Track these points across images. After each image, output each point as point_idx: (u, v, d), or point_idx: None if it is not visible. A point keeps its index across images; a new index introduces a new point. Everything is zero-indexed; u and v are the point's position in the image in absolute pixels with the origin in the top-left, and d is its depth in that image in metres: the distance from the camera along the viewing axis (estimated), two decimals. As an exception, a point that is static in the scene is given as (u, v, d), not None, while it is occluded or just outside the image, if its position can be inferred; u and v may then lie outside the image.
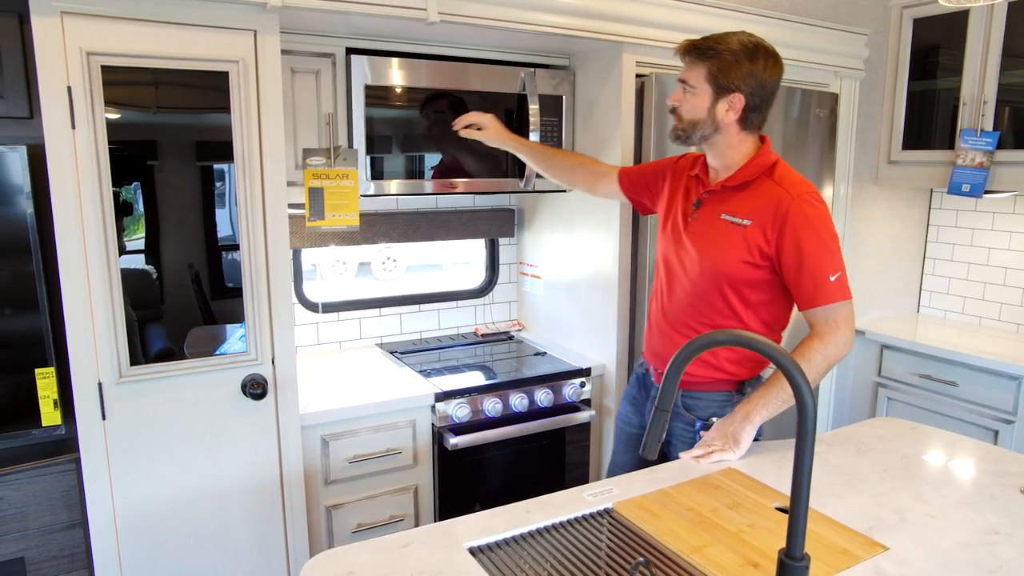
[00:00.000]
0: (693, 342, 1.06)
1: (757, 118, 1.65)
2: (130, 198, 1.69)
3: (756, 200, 1.63)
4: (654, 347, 1.84)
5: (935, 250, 3.46)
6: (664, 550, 1.27)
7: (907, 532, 1.31)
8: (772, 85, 1.63)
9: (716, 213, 1.69)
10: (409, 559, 1.20)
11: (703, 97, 1.63)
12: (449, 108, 2.24)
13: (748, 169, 1.66)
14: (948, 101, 2.99)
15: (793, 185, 1.62)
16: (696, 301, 1.72)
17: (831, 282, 1.57)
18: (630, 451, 1.95)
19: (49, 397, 1.67)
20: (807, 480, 0.99)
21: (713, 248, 1.67)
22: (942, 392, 2.92)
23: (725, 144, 1.67)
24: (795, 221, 1.57)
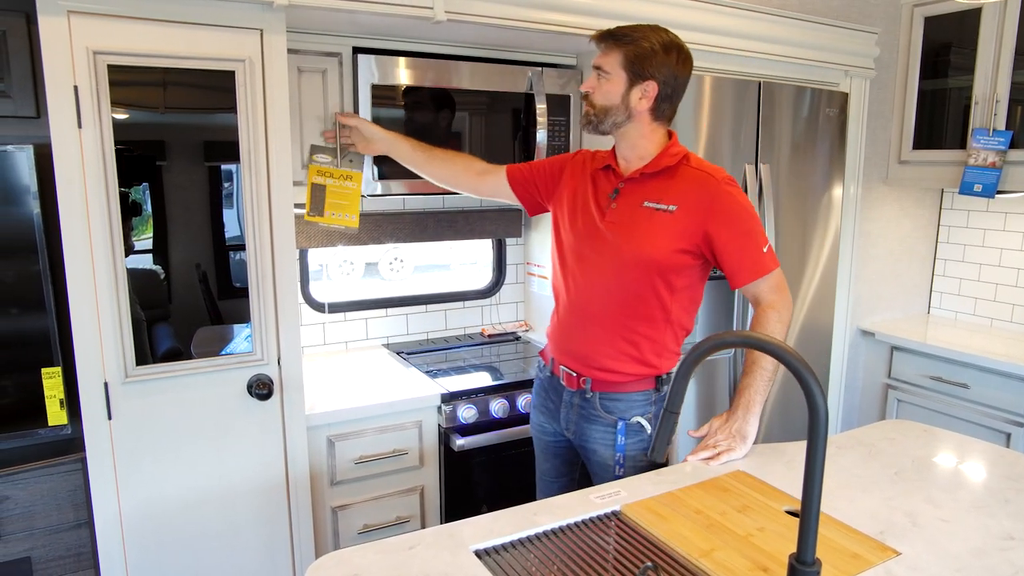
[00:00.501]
0: (703, 343, 1.05)
1: (668, 109, 1.68)
2: (139, 199, 1.69)
3: (679, 185, 1.65)
4: (568, 346, 1.77)
5: (946, 251, 3.42)
6: (672, 553, 1.26)
7: (919, 537, 1.30)
8: (683, 78, 1.67)
9: (637, 201, 1.68)
10: (415, 561, 1.19)
11: (617, 83, 1.64)
12: (456, 107, 2.23)
13: (666, 157, 1.68)
14: (959, 100, 2.97)
15: (715, 170, 1.68)
16: (618, 292, 1.69)
17: (764, 253, 1.65)
18: (550, 459, 1.93)
19: (55, 397, 1.67)
20: (819, 483, 0.98)
21: (637, 236, 1.66)
22: (953, 394, 2.89)
23: (637, 133, 1.68)
24: (725, 202, 1.63)
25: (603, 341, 1.71)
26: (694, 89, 2.32)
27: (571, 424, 1.80)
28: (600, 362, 1.71)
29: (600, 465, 1.76)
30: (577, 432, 1.79)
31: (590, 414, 1.75)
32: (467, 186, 2.04)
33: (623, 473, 1.72)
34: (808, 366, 0.95)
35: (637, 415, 1.72)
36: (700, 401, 2.51)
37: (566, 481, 1.92)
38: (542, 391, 1.89)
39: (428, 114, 2.19)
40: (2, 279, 1.61)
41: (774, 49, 2.54)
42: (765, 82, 2.47)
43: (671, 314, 1.69)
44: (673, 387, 1.08)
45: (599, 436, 1.75)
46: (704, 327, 2.53)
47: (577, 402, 1.77)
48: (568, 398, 1.79)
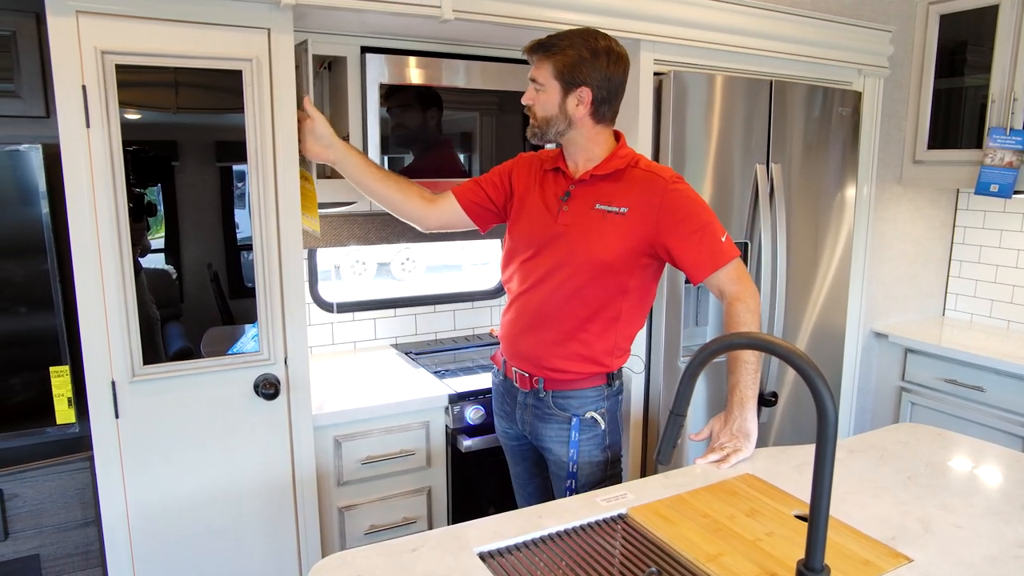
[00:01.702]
0: (709, 345, 1.03)
1: (608, 111, 1.68)
2: (155, 199, 1.70)
3: (630, 188, 1.67)
4: (521, 350, 1.77)
5: (961, 252, 3.38)
6: (679, 558, 1.24)
7: (932, 543, 1.27)
8: (618, 79, 1.66)
9: (589, 204, 1.69)
10: (418, 563, 1.18)
11: (552, 94, 1.64)
12: (465, 107, 2.22)
13: (615, 160, 1.69)
14: (975, 99, 2.93)
15: (663, 170, 1.69)
16: (569, 294, 1.69)
17: (722, 243, 1.65)
18: (519, 462, 1.96)
19: (63, 395, 1.68)
20: (828, 487, 0.96)
21: (591, 238, 1.67)
22: (968, 398, 2.85)
23: (582, 138, 1.69)
24: (677, 200, 1.64)
25: (554, 342, 1.72)
26: (704, 88, 2.30)
27: (527, 425, 1.82)
28: (551, 363, 1.72)
29: (556, 463, 1.78)
30: (533, 432, 1.81)
31: (544, 413, 1.76)
32: (415, 213, 1.88)
33: (576, 470, 1.75)
34: (816, 368, 0.93)
35: (590, 410, 1.74)
36: (709, 404, 2.49)
37: (540, 481, 1.94)
38: (498, 395, 1.91)
39: (437, 114, 2.19)
40: (11, 277, 1.62)
41: (786, 48, 2.52)
42: (777, 81, 2.45)
43: (622, 314, 1.71)
44: (679, 390, 1.07)
45: (554, 434, 1.76)
46: (715, 328, 2.51)
47: (531, 402, 1.78)
48: (522, 399, 1.80)
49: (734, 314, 1.65)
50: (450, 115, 2.22)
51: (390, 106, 2.10)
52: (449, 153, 2.26)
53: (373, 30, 2.06)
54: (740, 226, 2.45)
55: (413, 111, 2.16)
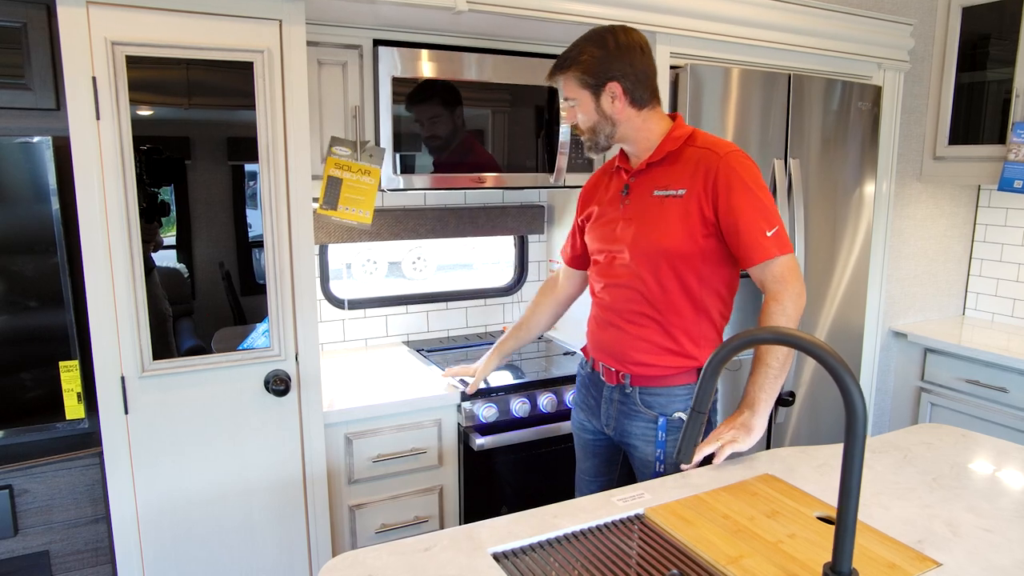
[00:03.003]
0: (731, 340, 1.00)
1: (645, 94, 1.64)
2: (168, 199, 1.68)
3: (685, 167, 1.62)
4: (603, 344, 1.76)
5: (982, 250, 3.31)
6: (698, 559, 1.21)
7: (960, 547, 1.23)
8: (640, 60, 1.62)
9: (648, 192, 1.66)
10: (431, 564, 1.16)
11: (586, 102, 1.64)
12: (478, 101, 2.19)
13: (669, 142, 1.65)
14: (998, 93, 2.87)
15: (717, 145, 1.61)
16: (642, 287, 1.66)
17: (768, 237, 1.56)
18: (590, 457, 1.90)
19: (73, 390, 1.67)
20: (856, 488, 0.93)
21: (650, 227, 1.64)
22: (991, 399, 2.79)
23: (633, 130, 1.66)
24: (726, 177, 1.57)
25: (636, 337, 1.68)
26: (721, 82, 2.26)
27: (611, 420, 1.77)
28: (634, 357, 1.69)
29: (642, 462, 1.72)
30: (618, 428, 1.76)
31: (630, 410, 1.72)
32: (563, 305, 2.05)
33: (664, 471, 1.68)
34: (845, 364, 0.90)
35: (678, 410, 1.68)
36: (732, 403, 2.45)
37: (604, 481, 1.89)
38: (583, 388, 1.87)
39: (449, 108, 2.16)
40: (21, 271, 1.61)
41: (804, 41, 2.47)
42: (795, 75, 2.40)
43: (702, 302, 1.64)
44: (700, 386, 1.03)
45: (640, 432, 1.71)
46: (735, 324, 2.46)
47: (617, 397, 1.74)
48: (608, 394, 1.76)
49: (767, 313, 1.58)
50: (463, 109, 2.19)
51: (427, 100, 2.11)
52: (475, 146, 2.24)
53: (386, 22, 2.03)
54: (757, 222, 2.41)
55: (438, 106, 2.14)
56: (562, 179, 2.34)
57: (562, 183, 2.36)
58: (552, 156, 2.32)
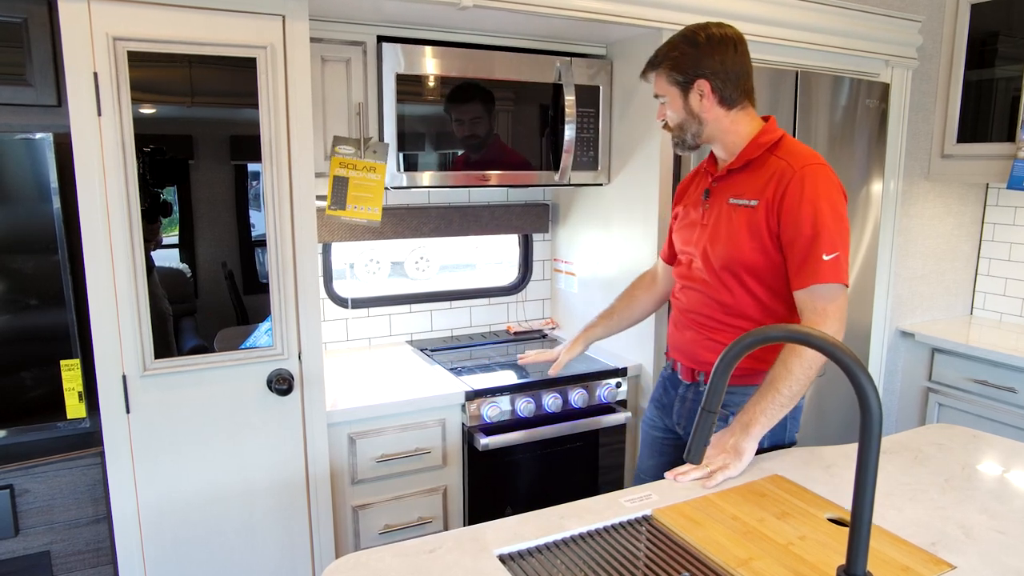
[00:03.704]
0: (742, 339, 0.98)
1: (736, 93, 1.60)
2: (170, 199, 1.67)
3: (762, 177, 1.57)
4: (679, 344, 1.77)
5: (990, 249, 3.29)
6: (707, 561, 1.19)
7: (974, 549, 1.21)
8: (732, 59, 1.58)
9: (724, 199, 1.64)
10: (435, 565, 1.14)
11: (675, 99, 1.63)
12: (482, 97, 2.17)
13: (750, 148, 1.61)
14: (1007, 91, 2.84)
15: (798, 157, 1.55)
16: (716, 293, 1.64)
17: (824, 261, 1.48)
18: (655, 456, 1.88)
19: (74, 389, 1.65)
20: (871, 491, 0.90)
21: (723, 236, 1.61)
22: (999, 399, 2.77)
23: (720, 131, 1.63)
24: (796, 191, 1.51)
25: (708, 339, 1.68)
26: (728, 79, 2.24)
27: (682, 419, 1.77)
28: (709, 358, 1.69)
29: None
30: (687, 427, 1.76)
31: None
32: (659, 300, 2.01)
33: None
34: (859, 362, 0.88)
35: None
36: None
37: None
38: (661, 385, 1.87)
39: (454, 105, 2.14)
40: (21, 269, 1.59)
41: (812, 38, 2.45)
42: (802, 72, 2.38)
43: (775, 312, 1.60)
44: (711, 385, 1.01)
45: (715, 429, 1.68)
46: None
47: (691, 396, 1.75)
48: (683, 392, 1.77)
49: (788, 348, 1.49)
50: (468, 106, 2.17)
51: (432, 97, 2.10)
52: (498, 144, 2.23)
53: (390, 18, 2.01)
54: (764, 221, 2.39)
55: (450, 102, 2.13)
56: (567, 177, 2.33)
57: (567, 181, 2.34)
58: (557, 154, 2.30)
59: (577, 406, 2.23)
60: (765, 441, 1.65)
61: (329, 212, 1.97)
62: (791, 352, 1.49)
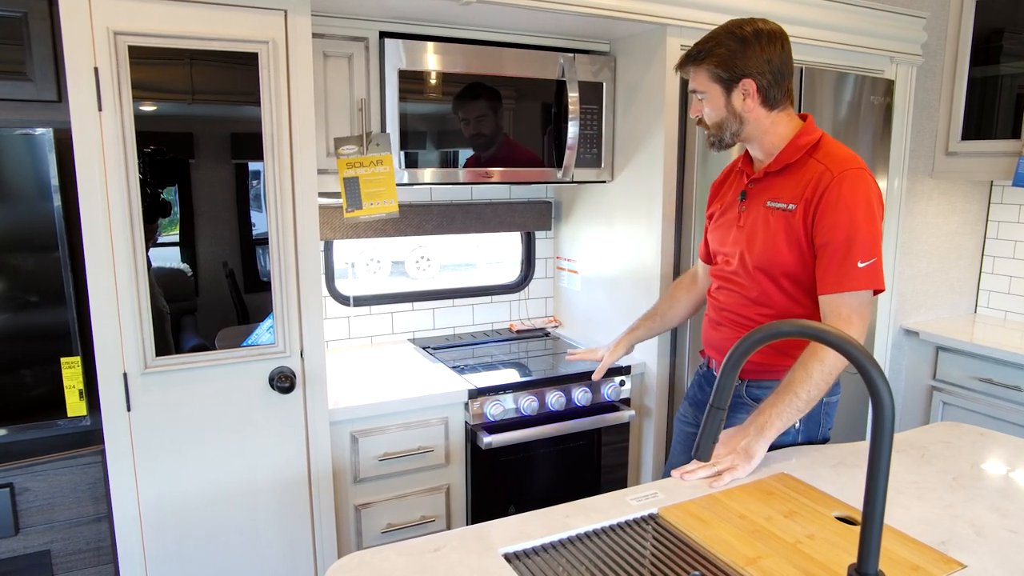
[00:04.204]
0: (753, 334, 0.96)
1: (779, 94, 1.56)
2: (169, 198, 1.65)
3: (800, 181, 1.53)
4: (714, 341, 1.75)
5: (994, 247, 3.27)
6: (715, 560, 1.17)
7: (985, 548, 1.19)
8: (778, 57, 1.54)
9: (762, 202, 1.60)
10: (440, 565, 1.12)
11: (716, 97, 1.57)
12: (485, 94, 2.16)
13: (788, 151, 1.57)
14: (1012, 88, 2.82)
15: (836, 161, 1.51)
16: (752, 295, 1.63)
17: (860, 268, 1.45)
18: (686, 452, 1.86)
19: (74, 387, 1.64)
20: (883, 489, 0.89)
21: (759, 240, 1.59)
22: (1004, 397, 2.75)
23: (759, 131, 1.59)
24: (833, 196, 1.47)
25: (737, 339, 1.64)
26: (733, 75, 2.22)
27: None
28: None
29: None
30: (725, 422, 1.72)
31: (736, 403, 1.68)
32: (697, 300, 1.97)
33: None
34: (872, 358, 0.87)
35: None
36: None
37: None
38: (697, 384, 1.86)
39: (457, 101, 2.13)
40: (22, 266, 1.58)
41: (816, 34, 2.43)
42: (807, 68, 2.36)
43: (810, 312, 1.58)
44: (720, 381, 1.00)
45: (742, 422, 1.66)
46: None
47: None
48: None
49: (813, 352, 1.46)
50: (470, 103, 2.16)
51: (434, 94, 2.09)
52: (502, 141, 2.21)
53: (392, 14, 2.00)
54: (768, 218, 2.38)
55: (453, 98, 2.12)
56: (570, 174, 2.31)
57: (570, 179, 2.33)
58: (560, 151, 2.28)
59: (581, 404, 2.21)
60: (800, 435, 1.65)
61: (348, 215, 1.95)
62: (812, 356, 1.47)
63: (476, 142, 2.18)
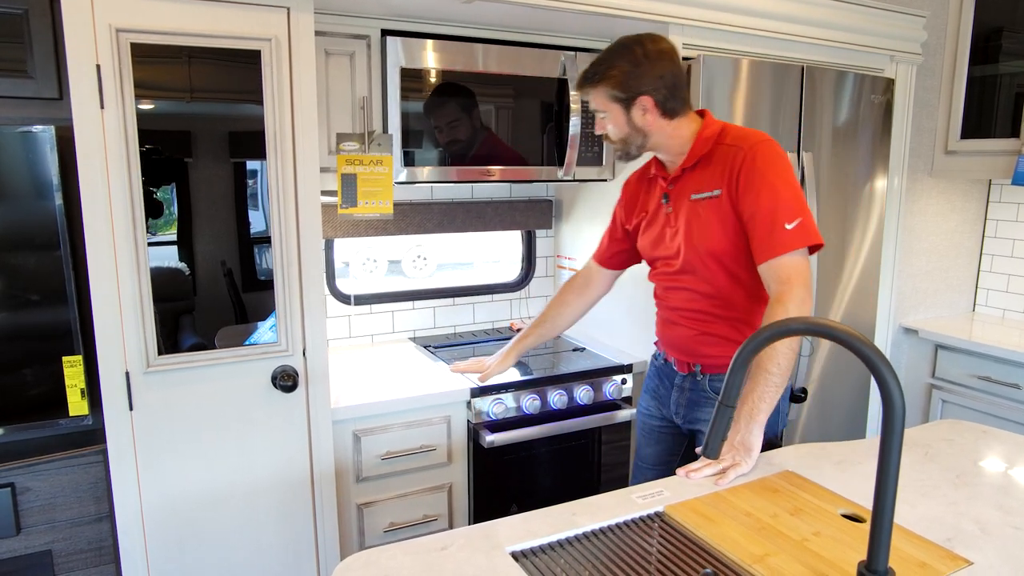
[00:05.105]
0: (762, 331, 0.96)
1: (676, 104, 1.62)
2: (164, 198, 1.64)
3: (717, 167, 1.60)
4: (671, 341, 1.79)
5: (993, 246, 3.28)
6: (723, 558, 1.17)
7: (990, 545, 1.20)
8: (671, 72, 1.60)
9: (686, 197, 1.66)
10: (447, 563, 1.12)
11: (617, 115, 1.63)
12: (487, 93, 2.15)
13: (699, 145, 1.63)
14: (1011, 87, 2.83)
15: (744, 139, 1.59)
16: (697, 289, 1.67)
17: (788, 230, 1.50)
18: (653, 444, 1.90)
19: (76, 386, 1.63)
20: (893, 485, 0.89)
21: (696, 232, 1.63)
22: (1003, 395, 2.76)
23: (664, 140, 1.65)
24: (747, 171, 1.54)
25: (700, 332, 1.70)
26: (735, 74, 2.22)
27: (680, 408, 1.78)
28: (703, 351, 1.71)
29: None
30: (688, 416, 1.77)
31: (700, 396, 1.73)
32: (591, 303, 2.05)
33: None
34: (882, 355, 0.87)
35: None
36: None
37: (664, 469, 1.88)
38: (655, 376, 1.88)
39: (458, 99, 2.12)
40: (22, 264, 1.57)
41: (817, 32, 2.44)
42: (808, 67, 2.37)
43: (758, 292, 1.62)
44: (729, 379, 1.00)
45: (707, 416, 1.72)
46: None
47: (688, 386, 1.76)
48: (679, 382, 1.78)
49: (769, 317, 1.50)
50: (472, 100, 2.15)
51: (436, 92, 2.08)
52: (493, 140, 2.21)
53: (395, 12, 2.00)
54: (769, 216, 2.38)
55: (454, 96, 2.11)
56: (571, 173, 2.31)
57: (571, 177, 2.32)
58: (561, 150, 2.28)
59: (582, 403, 2.21)
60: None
61: (342, 211, 1.95)
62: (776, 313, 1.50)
63: (477, 140, 2.18)
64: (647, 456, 1.92)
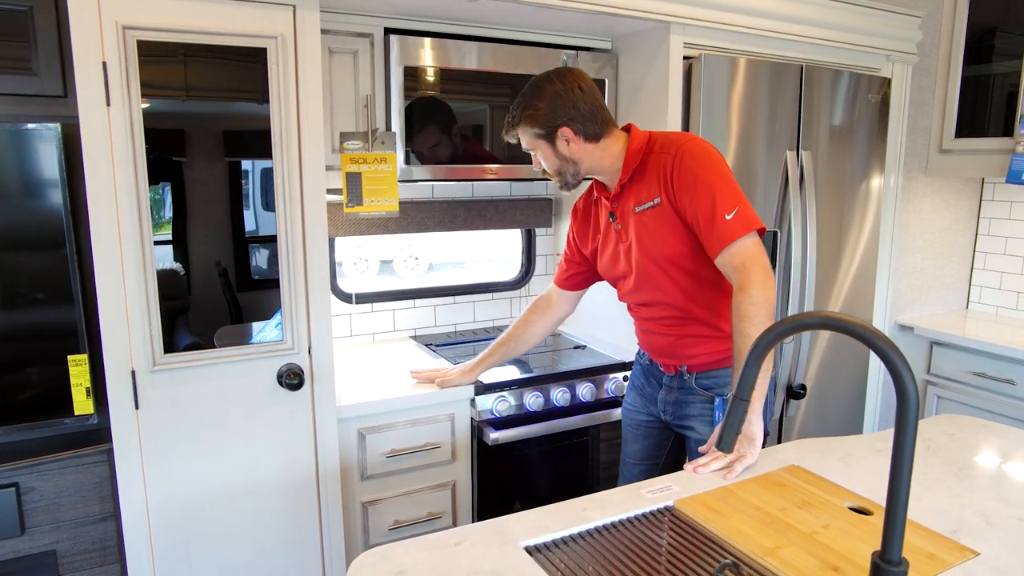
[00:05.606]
0: (776, 326, 0.97)
1: (597, 128, 1.65)
2: (157, 198, 1.64)
3: (652, 176, 1.64)
4: (654, 347, 1.82)
5: (986, 243, 3.32)
6: (733, 551, 1.18)
7: (996, 536, 1.22)
8: (582, 100, 1.62)
9: (630, 212, 1.69)
10: (463, 559, 1.13)
11: (545, 150, 1.67)
12: (489, 91, 2.16)
13: (630, 159, 1.67)
14: (1004, 86, 2.86)
15: (671, 143, 1.63)
16: (665, 297, 1.70)
17: (727, 220, 1.53)
18: (639, 439, 1.92)
19: (82, 385, 1.62)
20: (907, 476, 0.90)
21: (647, 242, 1.67)
22: (998, 391, 2.79)
23: (596, 163, 1.69)
24: (678, 174, 1.58)
25: (680, 336, 1.73)
26: (735, 73, 2.24)
27: (668, 406, 1.80)
28: (686, 352, 1.73)
29: (699, 443, 1.72)
30: (675, 413, 1.79)
31: (688, 394, 1.76)
32: (556, 324, 2.07)
33: None
34: (895, 347, 0.88)
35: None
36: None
37: (649, 464, 1.91)
38: (641, 373, 1.90)
39: (460, 97, 2.13)
40: (28, 263, 1.56)
41: (815, 32, 2.46)
42: (807, 66, 2.39)
43: (723, 284, 1.65)
44: (744, 372, 1.01)
45: (697, 412, 1.74)
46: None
47: (676, 385, 1.78)
48: (668, 382, 1.80)
49: (737, 306, 1.52)
50: (474, 99, 2.16)
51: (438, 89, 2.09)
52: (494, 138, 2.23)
53: (398, 10, 2.00)
54: (770, 214, 2.40)
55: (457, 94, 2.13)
56: (573, 171, 2.32)
57: (573, 175, 2.33)
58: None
59: (585, 400, 2.22)
60: None
61: (348, 210, 1.96)
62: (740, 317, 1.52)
63: (478, 138, 2.18)
64: (633, 452, 1.94)
